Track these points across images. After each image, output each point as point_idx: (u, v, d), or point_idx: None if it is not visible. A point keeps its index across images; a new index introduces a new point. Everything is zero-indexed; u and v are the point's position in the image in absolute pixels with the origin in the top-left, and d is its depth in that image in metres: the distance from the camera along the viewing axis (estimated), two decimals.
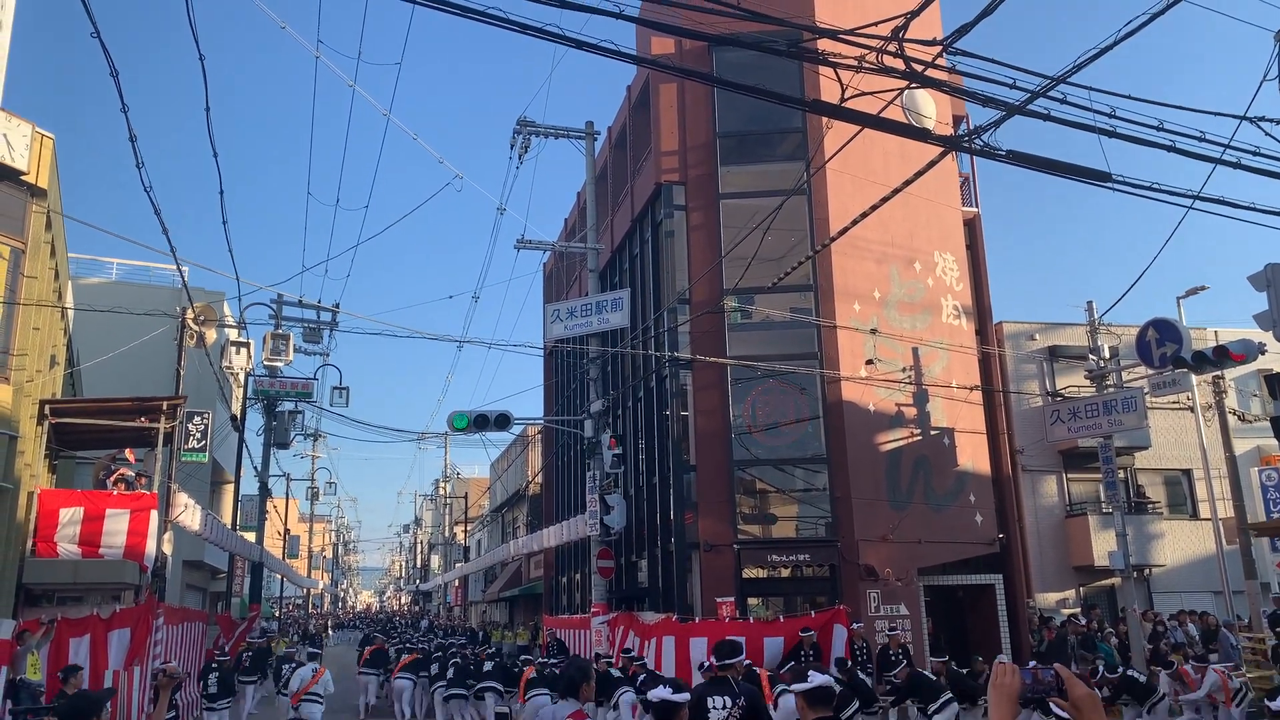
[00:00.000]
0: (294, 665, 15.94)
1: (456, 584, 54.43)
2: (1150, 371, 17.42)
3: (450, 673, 15.81)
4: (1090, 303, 18.55)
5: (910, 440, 19.02)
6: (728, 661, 6.09)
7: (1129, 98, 8.56)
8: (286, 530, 46.73)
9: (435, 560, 69.71)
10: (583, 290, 22.08)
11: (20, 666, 11.04)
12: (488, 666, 15.66)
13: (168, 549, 16.24)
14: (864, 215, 10.22)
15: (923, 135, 9.47)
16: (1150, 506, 22.59)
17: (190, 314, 17.88)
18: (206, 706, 14.99)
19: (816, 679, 4.12)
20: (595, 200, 19.98)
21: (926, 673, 12.28)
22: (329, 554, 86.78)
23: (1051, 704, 2.56)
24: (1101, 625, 18.78)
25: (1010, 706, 2.44)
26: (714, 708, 5.53)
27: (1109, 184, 8.87)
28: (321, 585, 78.73)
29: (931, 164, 9.39)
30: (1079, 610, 20.48)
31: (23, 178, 13.26)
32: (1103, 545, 20.07)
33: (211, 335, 21.02)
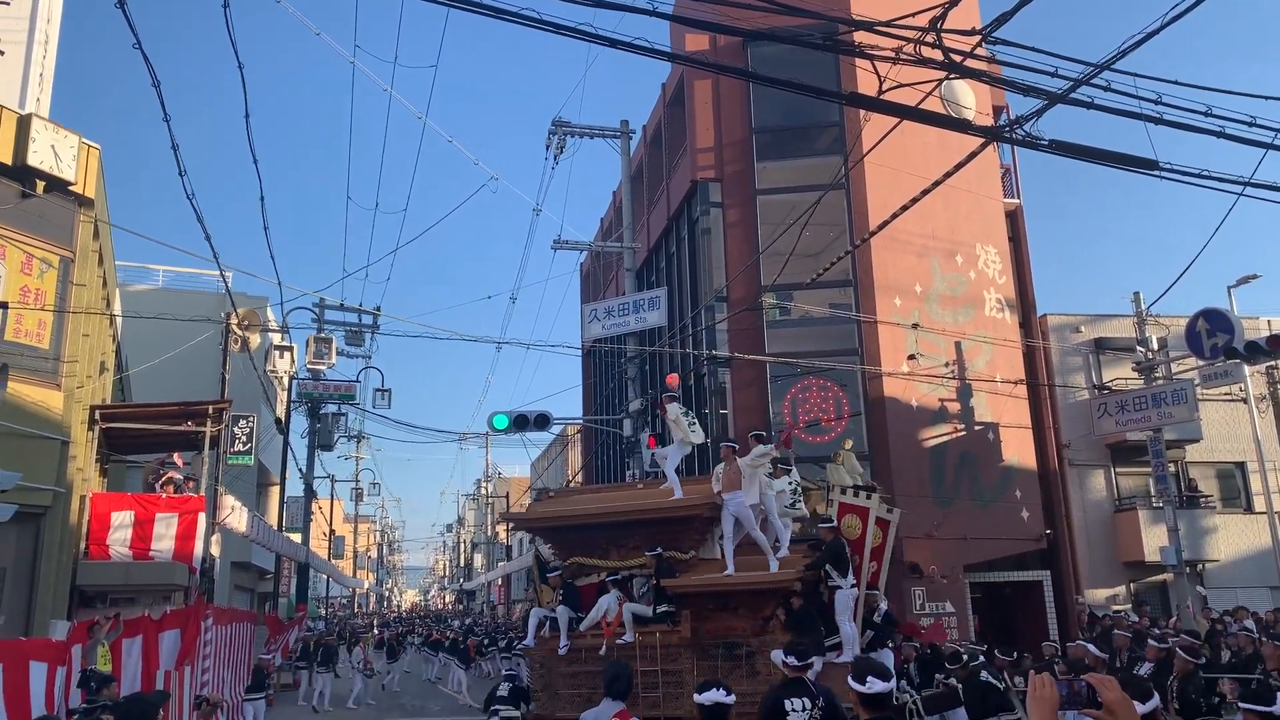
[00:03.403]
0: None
1: (499, 583, 54.77)
2: (1201, 363, 17.05)
3: None
4: (1137, 293, 18.23)
5: (954, 436, 18.78)
6: (807, 662, 5.95)
7: (1176, 83, 8.36)
8: (332, 531, 47.35)
9: (478, 559, 70.18)
10: (619, 290, 22.07)
11: (91, 658, 11.47)
12: None
13: (216, 551, 16.51)
14: (904, 208, 10.09)
15: (963, 126, 9.32)
16: (1203, 500, 22.09)
17: (234, 319, 18.15)
18: (245, 698, 16.63)
19: (876, 685, 4.15)
20: (631, 199, 19.98)
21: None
22: (374, 554, 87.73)
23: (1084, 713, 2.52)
24: (1154, 622, 18.40)
25: (1053, 718, 2.41)
26: (793, 710, 5.45)
27: (1156, 172, 8.67)
28: (367, 585, 79.62)
29: (972, 155, 9.23)
30: (1129, 607, 20.09)
31: (71, 188, 13.54)
32: (1153, 540, 19.68)
33: (255, 340, 21.31)
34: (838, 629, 9.87)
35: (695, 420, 12.14)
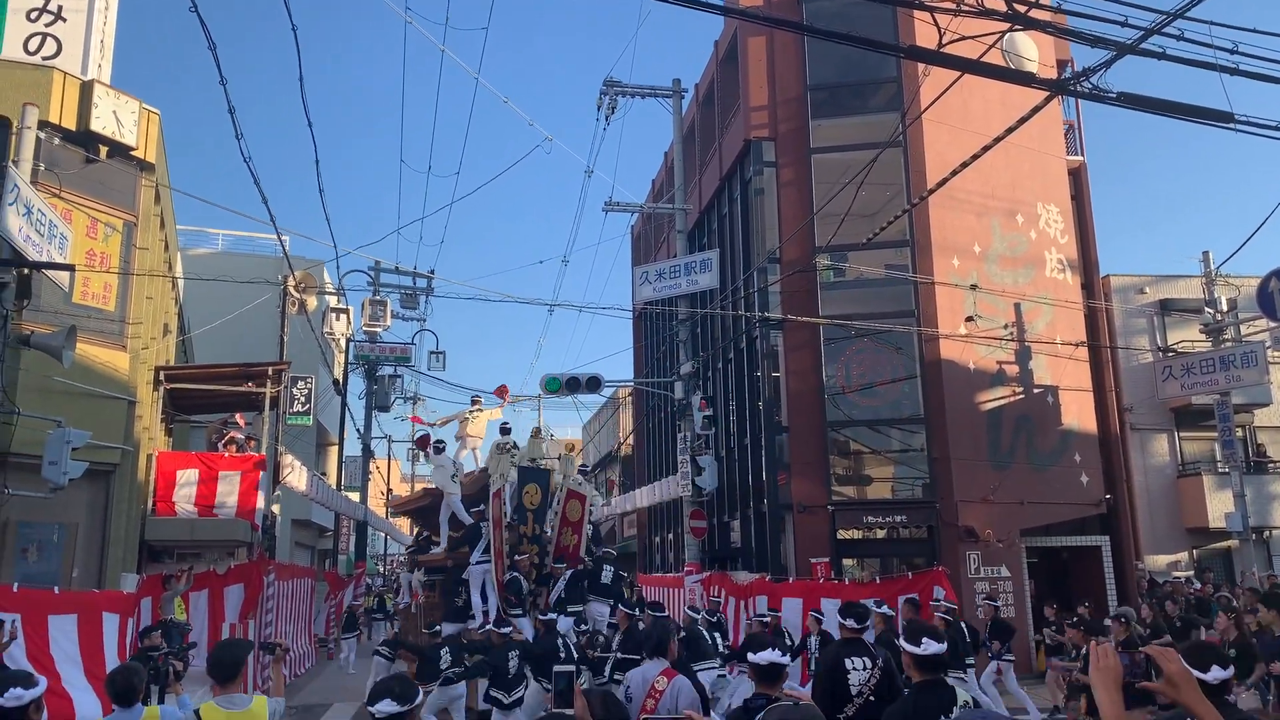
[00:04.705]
0: None
1: None
2: (1272, 324, 16.50)
3: None
4: (1206, 253, 17.68)
5: (1012, 399, 18.45)
6: (866, 625, 6.03)
7: (1254, 31, 8.02)
8: (389, 490, 48.22)
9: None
10: (671, 252, 21.94)
11: (168, 609, 12.07)
12: None
13: (277, 508, 16.95)
14: (963, 166, 9.84)
15: (1027, 80, 9.04)
16: (1271, 465, 21.51)
17: (292, 282, 18.44)
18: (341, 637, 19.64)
19: (931, 646, 4.17)
20: (683, 159, 19.77)
21: None
22: None
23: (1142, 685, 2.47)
24: (1217, 589, 18.05)
25: (1118, 689, 2.35)
26: (854, 669, 5.51)
27: (1230, 125, 8.33)
28: None
29: (1035, 110, 8.94)
30: (1191, 573, 19.71)
31: (132, 153, 13.78)
32: (1218, 506, 19.23)
33: (312, 302, 21.67)
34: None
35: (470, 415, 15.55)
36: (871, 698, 5.38)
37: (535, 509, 13.82)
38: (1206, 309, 17.59)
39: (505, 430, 15.00)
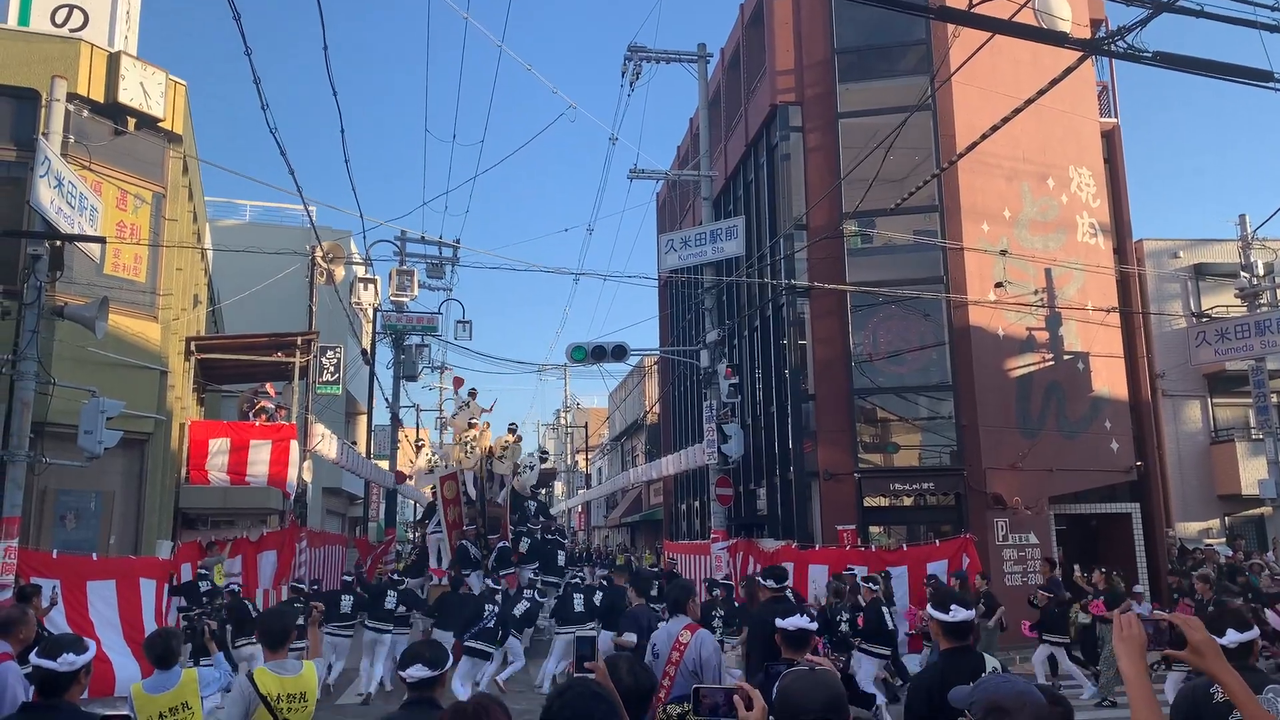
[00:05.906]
0: None
1: (580, 510, 55.85)
2: None
3: None
4: (1243, 216, 17.35)
5: (1042, 365, 18.27)
6: (786, 584, 6.78)
7: None
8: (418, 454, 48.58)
9: (559, 487, 71.60)
10: (696, 219, 21.81)
11: (208, 574, 12.44)
12: None
13: (308, 477, 17.13)
14: (993, 129, 9.69)
15: (1059, 39, 8.85)
16: None
17: (319, 252, 18.52)
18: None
19: (960, 613, 4.16)
20: (708, 125, 19.57)
21: None
22: None
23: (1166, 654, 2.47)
24: (1248, 556, 17.90)
25: (1142, 659, 2.36)
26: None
27: (1270, 84, 8.14)
28: None
29: (1068, 71, 8.76)
30: (1223, 540, 19.55)
31: (160, 125, 13.85)
32: (1251, 473, 19.02)
33: (340, 273, 21.72)
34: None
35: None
36: None
37: (477, 491, 18.09)
38: (1242, 273, 17.29)
39: (472, 425, 18.91)
